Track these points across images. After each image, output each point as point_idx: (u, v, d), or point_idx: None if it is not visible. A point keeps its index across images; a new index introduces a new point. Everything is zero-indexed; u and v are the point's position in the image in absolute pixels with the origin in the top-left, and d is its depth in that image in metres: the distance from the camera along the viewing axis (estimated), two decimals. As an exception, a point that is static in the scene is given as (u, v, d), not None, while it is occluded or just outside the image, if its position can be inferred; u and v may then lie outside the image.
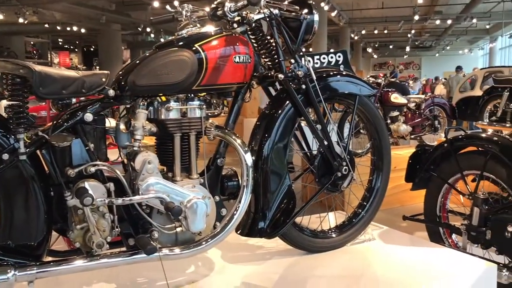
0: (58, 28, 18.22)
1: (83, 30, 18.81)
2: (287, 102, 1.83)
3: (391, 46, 31.66)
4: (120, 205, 1.52)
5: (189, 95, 1.64)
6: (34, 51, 21.73)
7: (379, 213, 2.19)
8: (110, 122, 1.63)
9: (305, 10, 1.87)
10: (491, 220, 2.24)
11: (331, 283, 1.72)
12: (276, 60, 1.81)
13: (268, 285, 1.71)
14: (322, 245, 1.99)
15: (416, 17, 17.28)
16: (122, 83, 1.55)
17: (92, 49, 26.97)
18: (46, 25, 17.86)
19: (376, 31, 21.94)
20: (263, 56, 1.85)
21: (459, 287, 1.77)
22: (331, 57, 2.08)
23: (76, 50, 28.78)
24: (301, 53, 1.88)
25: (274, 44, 1.82)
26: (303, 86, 1.83)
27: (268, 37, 1.84)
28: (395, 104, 6.11)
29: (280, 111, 1.82)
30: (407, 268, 1.85)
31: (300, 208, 1.85)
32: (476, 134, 2.51)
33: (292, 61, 1.82)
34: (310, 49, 17.42)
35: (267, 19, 1.78)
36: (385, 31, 21.83)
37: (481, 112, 6.25)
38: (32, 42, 21.36)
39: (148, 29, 19.10)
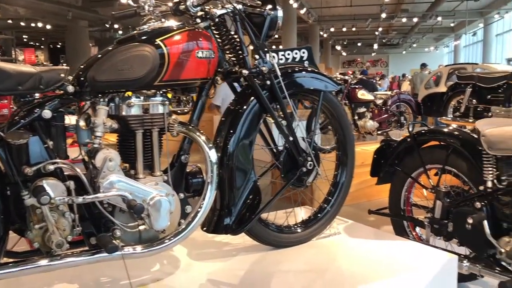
0: (22, 24, 17.73)
1: (48, 27, 18.36)
2: (252, 98, 1.82)
3: (359, 44, 32.13)
4: (81, 203, 1.49)
5: (151, 91, 1.62)
6: (-3, 48, 21.06)
7: (346, 207, 2.21)
8: (70, 119, 1.59)
9: (269, 6, 1.87)
10: (453, 212, 2.29)
11: (297, 277, 1.73)
12: (241, 56, 1.80)
13: (234, 281, 1.70)
14: (288, 240, 2.00)
15: (383, 15, 17.59)
16: (82, 78, 1.52)
17: (58, 46, 26.35)
18: (10, 21, 17.34)
19: (344, 29, 22.23)
20: (227, 52, 1.84)
21: (421, 278, 1.81)
22: (296, 53, 2.09)
23: (42, 47, 28.07)
24: (266, 49, 1.88)
25: (238, 39, 1.81)
26: (268, 82, 1.83)
27: (232, 33, 1.83)
28: (362, 101, 6.20)
29: (245, 107, 1.81)
30: (372, 261, 1.87)
31: (265, 204, 1.85)
32: (438, 129, 2.56)
33: (257, 56, 1.82)
34: (280, 47, 17.47)
35: (231, 15, 1.77)
36: (353, 29, 22.16)
37: (445, 107, 6.40)
38: (-6, 39, 20.71)
39: (116, 26, 18.79)
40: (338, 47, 31.58)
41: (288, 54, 2.07)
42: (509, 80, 5.36)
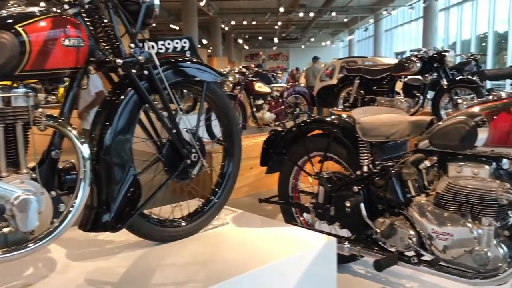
0: None
1: None
2: (130, 88, 1.76)
3: (260, 38, 32.72)
4: None
5: (12, 81, 1.49)
6: None
7: (246, 198, 2.22)
8: None
9: None
10: (334, 197, 2.41)
11: (180, 270, 1.71)
12: (115, 45, 1.73)
13: (114, 279, 1.64)
14: (173, 234, 1.97)
15: (281, 10, 18.05)
16: None
17: None
18: None
19: (245, 22, 22.48)
20: (101, 40, 1.75)
21: (302, 261, 1.87)
22: (177, 43, 2.05)
23: None
24: (143, 38, 1.82)
25: (112, 27, 1.73)
26: (146, 72, 1.77)
27: (106, 21, 1.74)
28: (259, 93, 6.33)
29: (122, 98, 1.74)
30: (256, 248, 1.91)
31: (147, 199, 1.80)
32: (321, 118, 2.68)
33: (132, 45, 1.75)
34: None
35: (102, 1, 1.69)
36: (254, 23, 22.50)
37: (336, 99, 6.73)
38: None
39: None
40: (240, 41, 31.92)
41: (169, 44, 2.02)
42: (392, 72, 5.76)
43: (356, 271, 2.58)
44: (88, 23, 1.72)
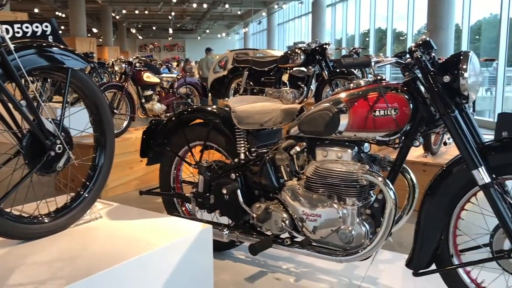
0: None
1: None
2: None
3: (154, 28, 31.94)
4: None
5: None
6: None
7: (136, 192, 2.12)
8: None
9: None
10: (213, 185, 2.43)
11: (43, 268, 1.60)
12: (-42, 26, 1.57)
13: (-36, 284, 1.50)
14: (40, 231, 1.85)
15: (174, 0, 17.75)
16: None
17: None
18: None
19: (137, 12, 21.78)
20: None
21: (177, 249, 1.86)
22: (36, 27, 1.91)
23: None
24: (-5, 21, 1.67)
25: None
26: None
27: None
28: (148, 83, 6.17)
29: None
30: (129, 240, 1.86)
31: (4, 194, 1.67)
32: (201, 108, 2.67)
33: (-20, 28, 1.61)
34: (62, 27, 16.27)
35: None
36: (146, 12, 21.86)
37: (227, 89, 6.78)
38: None
39: None
40: (133, 30, 30.87)
41: (27, 28, 1.88)
42: (278, 64, 5.93)
43: (236, 257, 2.62)
44: None
